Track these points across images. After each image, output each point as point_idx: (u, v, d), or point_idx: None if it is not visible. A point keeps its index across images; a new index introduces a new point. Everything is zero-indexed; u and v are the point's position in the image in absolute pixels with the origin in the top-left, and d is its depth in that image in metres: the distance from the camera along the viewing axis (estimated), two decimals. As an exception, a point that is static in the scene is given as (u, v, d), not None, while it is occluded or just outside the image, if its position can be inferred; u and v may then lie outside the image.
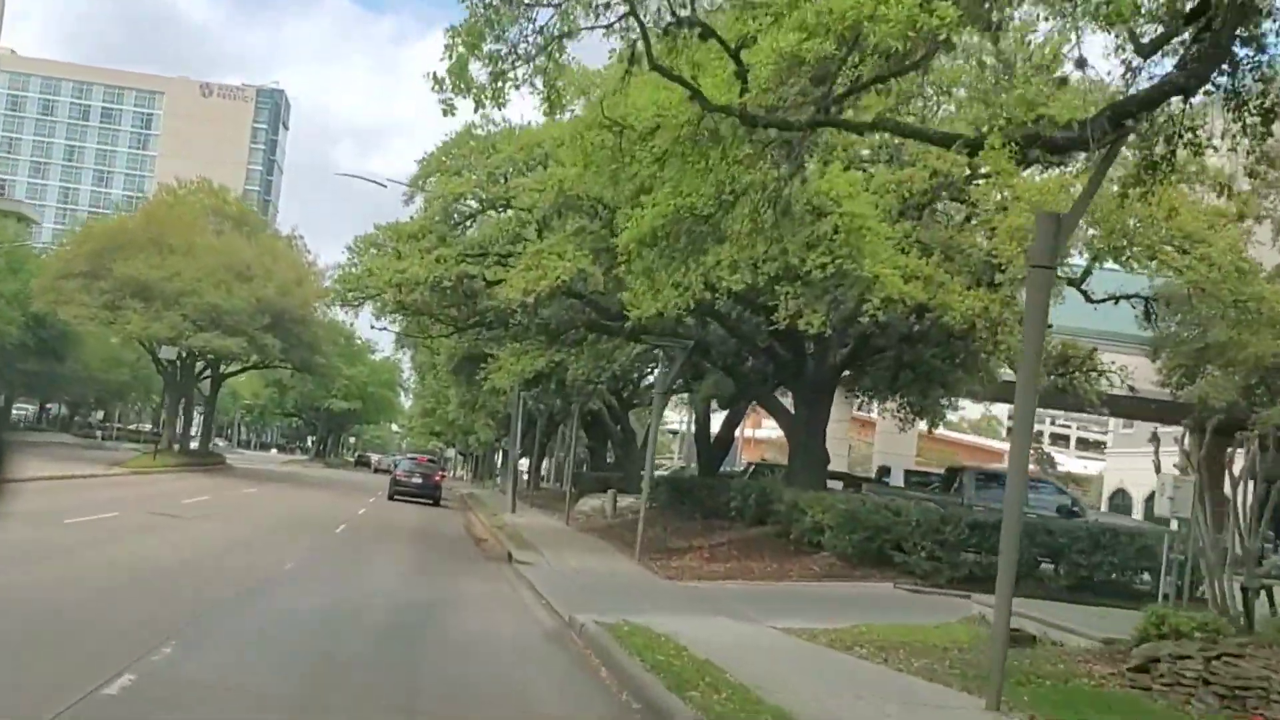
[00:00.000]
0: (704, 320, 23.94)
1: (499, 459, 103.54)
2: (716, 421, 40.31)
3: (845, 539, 20.66)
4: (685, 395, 40.36)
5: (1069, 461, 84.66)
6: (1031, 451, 15.22)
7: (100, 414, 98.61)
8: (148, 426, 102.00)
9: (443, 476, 47.01)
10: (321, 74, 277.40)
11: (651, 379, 46.51)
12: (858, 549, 20.55)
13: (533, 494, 58.15)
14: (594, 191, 20.77)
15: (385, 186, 27.33)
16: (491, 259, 23.35)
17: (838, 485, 27.37)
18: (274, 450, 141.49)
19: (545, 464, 67.48)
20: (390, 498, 44.59)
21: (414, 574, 18.55)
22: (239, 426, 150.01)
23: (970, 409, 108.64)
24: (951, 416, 47.15)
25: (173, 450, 49.50)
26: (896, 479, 29.73)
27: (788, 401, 27.65)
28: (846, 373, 25.71)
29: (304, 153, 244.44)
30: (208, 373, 57.11)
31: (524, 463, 77.17)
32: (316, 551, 20.20)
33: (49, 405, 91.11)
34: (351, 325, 43.96)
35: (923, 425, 32.42)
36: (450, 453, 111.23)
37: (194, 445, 62.30)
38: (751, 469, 34.50)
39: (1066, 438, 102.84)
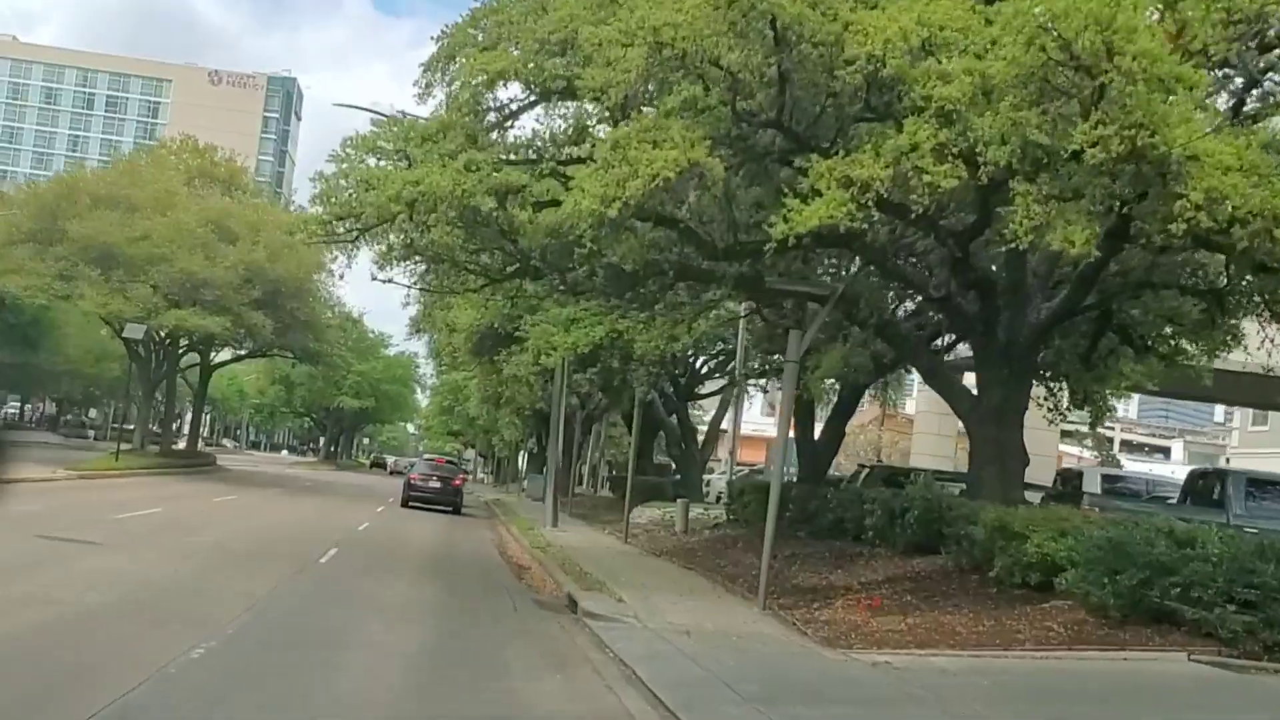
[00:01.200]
0: (866, 247, 16.58)
1: (523, 461, 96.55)
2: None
3: (1102, 583, 13.20)
4: (755, 380, 32.95)
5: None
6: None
7: (92, 412, 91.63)
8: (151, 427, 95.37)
9: (464, 480, 39.67)
10: (339, 78, 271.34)
11: (710, 362, 39.17)
12: (1124, 598, 13.08)
13: (569, 501, 50.93)
14: (709, 43, 13.49)
15: (400, 115, 19.77)
16: (546, 167, 15.95)
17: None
18: (285, 452, 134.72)
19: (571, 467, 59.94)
20: (404, 504, 37.49)
21: (428, 657, 10.95)
22: (248, 427, 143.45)
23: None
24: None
25: (146, 450, 42.27)
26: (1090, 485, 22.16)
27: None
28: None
29: (320, 152, 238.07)
30: (196, 362, 49.98)
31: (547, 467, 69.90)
32: (263, 613, 11.89)
33: (32, 402, 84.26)
34: (340, 276, 36.41)
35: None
36: (469, 454, 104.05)
37: (181, 444, 55.20)
38: (864, 474, 27.00)
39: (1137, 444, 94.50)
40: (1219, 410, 74.34)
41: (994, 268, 16.96)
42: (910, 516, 17.78)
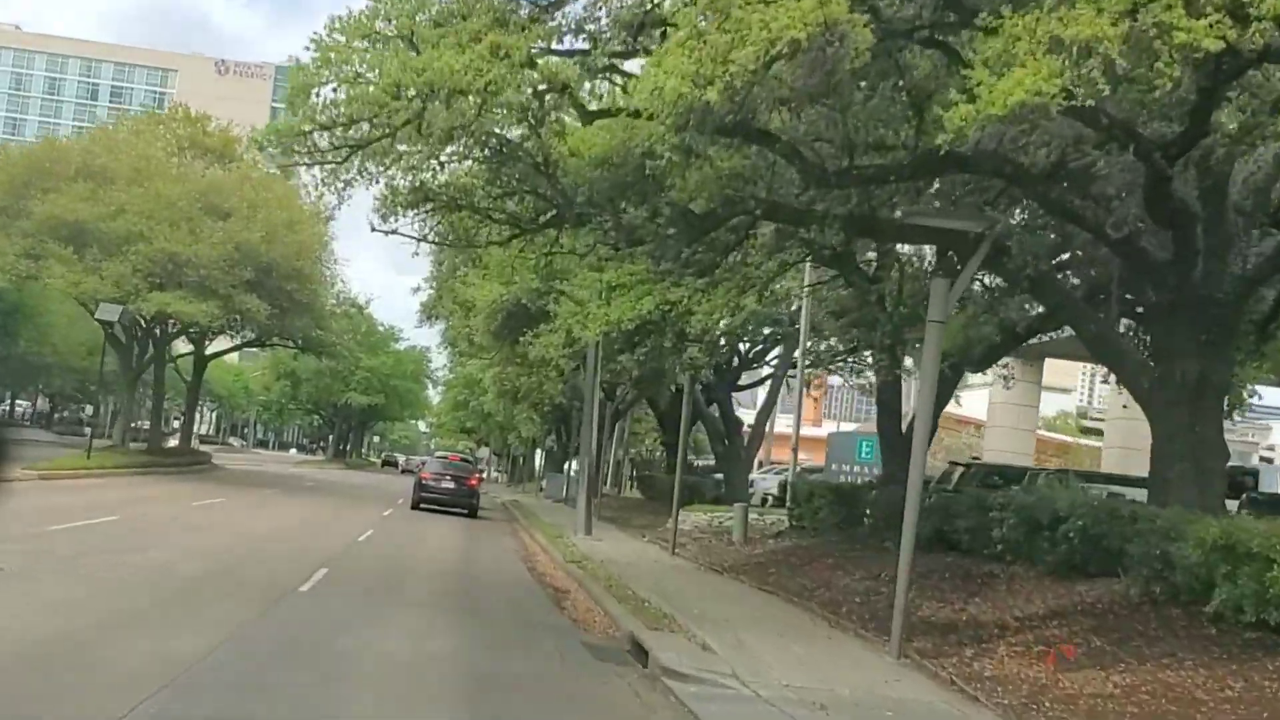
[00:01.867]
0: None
1: (540, 459, 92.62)
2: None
3: None
4: (828, 365, 28.82)
5: None
6: None
7: (90, 408, 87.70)
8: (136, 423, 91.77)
9: (479, 479, 35.60)
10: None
11: (756, 346, 35.07)
12: None
13: (595, 503, 46.83)
14: None
15: None
16: (600, 57, 11.84)
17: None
18: (293, 450, 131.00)
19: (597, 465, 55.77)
20: (414, 506, 33.54)
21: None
22: (255, 425, 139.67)
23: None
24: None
25: (126, 448, 38.30)
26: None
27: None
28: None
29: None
30: (189, 351, 46.02)
31: (568, 465, 65.89)
32: (174, 705, 7.07)
33: (26, 398, 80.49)
34: (328, 218, 32.21)
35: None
36: (483, 452, 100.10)
37: (174, 442, 51.33)
38: (959, 473, 22.82)
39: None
40: None
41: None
42: (1068, 528, 13.64)
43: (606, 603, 14.53)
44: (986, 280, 16.99)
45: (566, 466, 53.05)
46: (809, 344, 27.24)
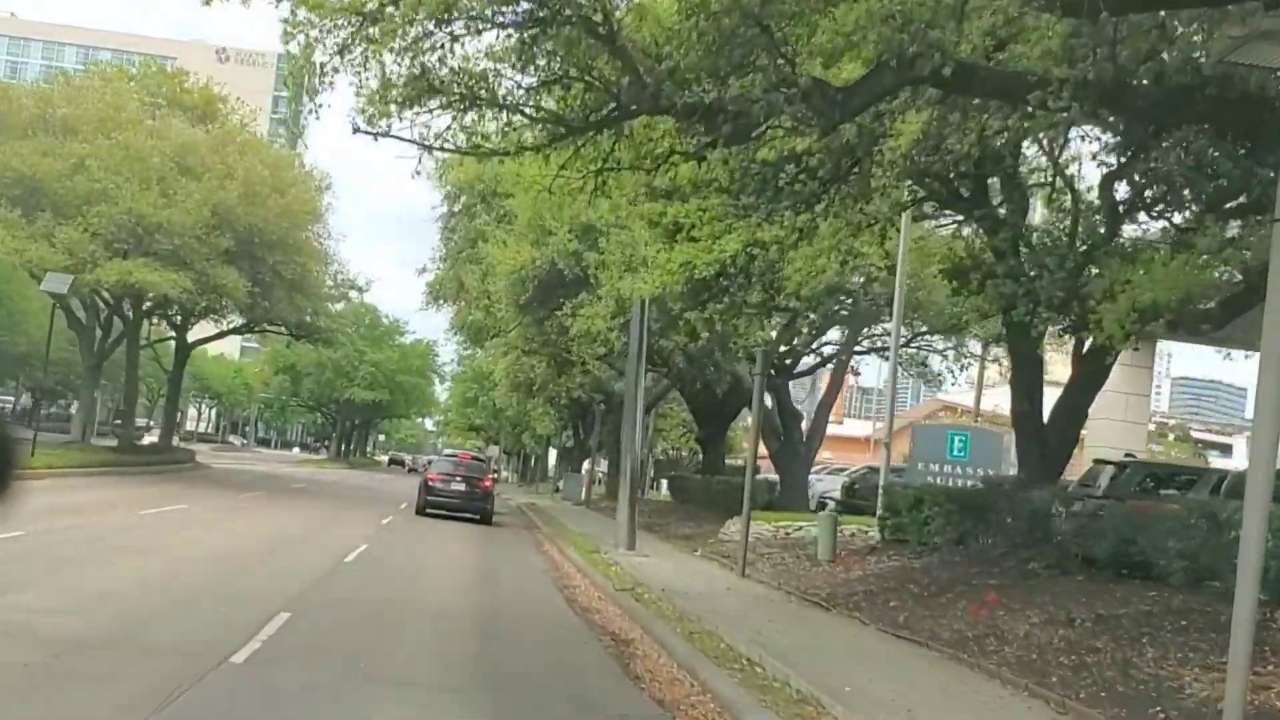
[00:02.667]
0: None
1: (554, 458, 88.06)
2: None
3: None
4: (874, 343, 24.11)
5: None
6: None
7: (77, 404, 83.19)
8: (140, 421, 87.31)
9: (494, 481, 30.90)
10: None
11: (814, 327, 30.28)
12: None
13: (614, 505, 42.21)
14: None
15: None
16: None
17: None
18: (296, 449, 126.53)
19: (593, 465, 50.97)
20: (420, 512, 28.96)
21: None
22: (256, 423, 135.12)
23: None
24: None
25: (86, 444, 33.56)
26: None
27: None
28: None
29: (336, 137, 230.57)
30: (171, 336, 41.40)
31: (585, 464, 61.15)
32: None
33: (9, 392, 75.94)
34: (321, 183, 27.72)
35: None
36: (493, 451, 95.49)
37: (150, 438, 46.73)
38: (1114, 474, 17.98)
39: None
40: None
41: None
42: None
43: (699, 667, 9.84)
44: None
45: (589, 466, 48.21)
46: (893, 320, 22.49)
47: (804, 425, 29.90)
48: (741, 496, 32.61)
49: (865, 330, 29.24)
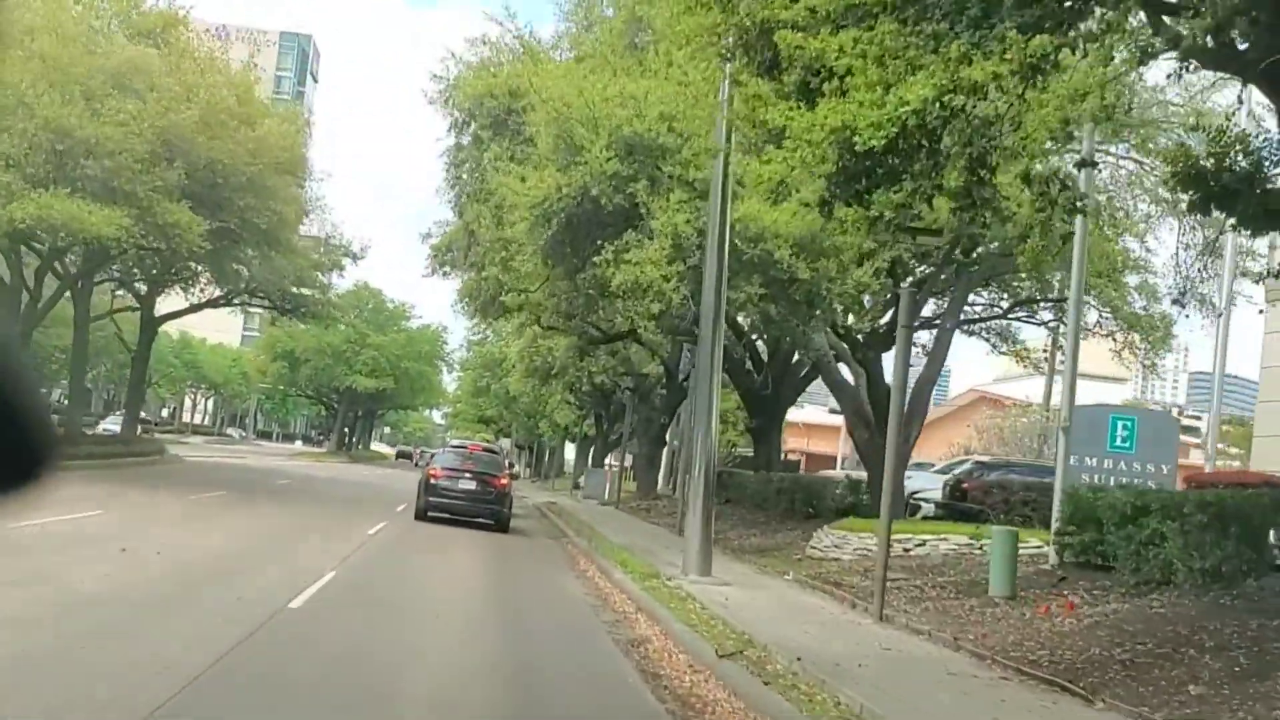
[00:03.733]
0: None
1: (572, 452, 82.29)
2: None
3: None
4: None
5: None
6: None
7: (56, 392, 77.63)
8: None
9: (510, 480, 24.85)
10: (358, 42, 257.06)
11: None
12: None
13: (654, 507, 36.51)
14: None
15: None
16: None
17: None
18: (298, 442, 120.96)
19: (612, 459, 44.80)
20: (420, 516, 23.33)
21: None
22: (255, 415, 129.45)
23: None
24: None
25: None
26: None
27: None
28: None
29: (340, 120, 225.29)
30: (135, 307, 35.64)
31: (608, 458, 55.21)
32: None
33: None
34: (303, 119, 21.86)
35: None
36: (505, 444, 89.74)
37: (110, 427, 41.06)
38: None
39: None
40: None
41: None
42: None
43: None
44: None
45: (622, 460, 42.30)
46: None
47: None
48: (811, 496, 26.96)
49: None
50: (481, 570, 16.41)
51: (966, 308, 26.31)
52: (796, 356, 32.00)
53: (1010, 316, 28.89)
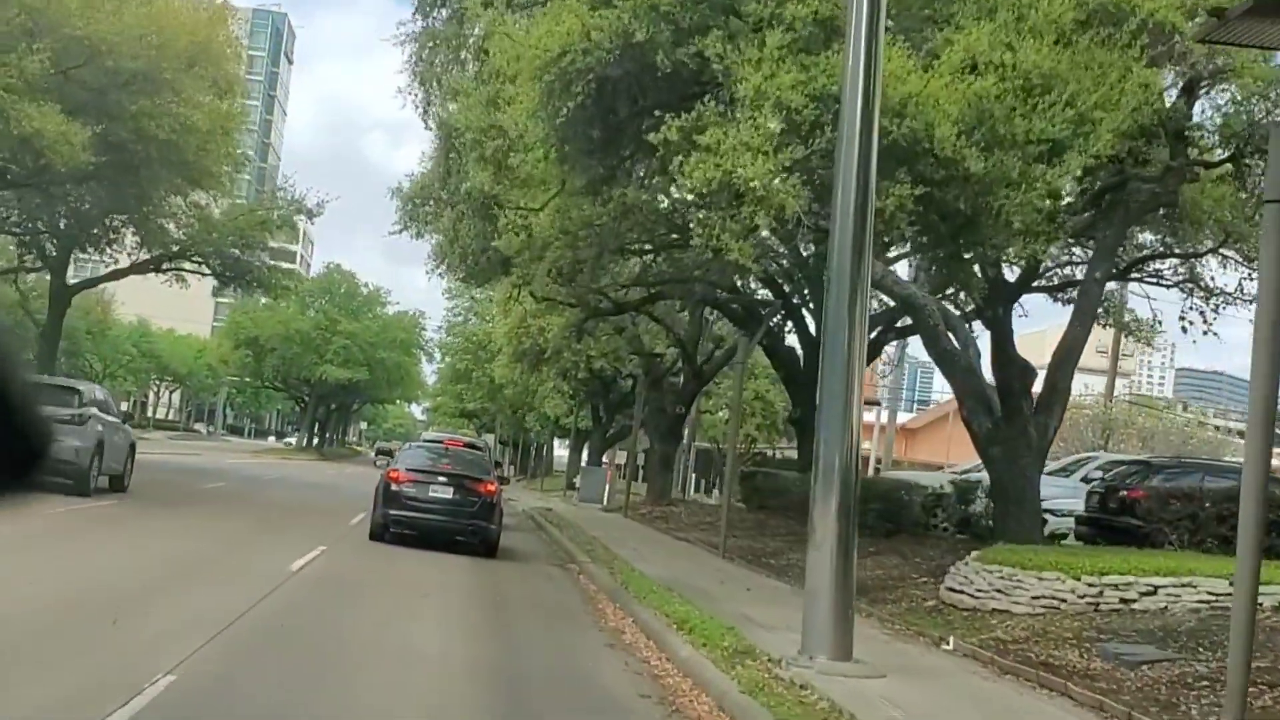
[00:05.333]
0: None
1: (564, 448, 76.09)
2: None
3: None
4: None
5: None
6: None
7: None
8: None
9: (499, 485, 18.33)
10: (336, 21, 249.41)
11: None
12: None
13: (664, 514, 30.14)
14: None
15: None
16: None
17: None
18: (271, 438, 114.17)
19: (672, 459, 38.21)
20: (376, 536, 17.10)
21: None
22: (224, 409, 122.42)
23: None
24: None
25: None
26: None
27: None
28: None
29: (316, 106, 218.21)
30: (35, 267, 29.23)
31: (627, 456, 48.82)
32: None
33: None
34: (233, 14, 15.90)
35: None
36: (488, 440, 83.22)
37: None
38: None
39: None
40: None
41: None
42: None
43: None
44: None
45: (632, 458, 35.97)
46: None
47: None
48: (894, 508, 20.69)
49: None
50: (460, 634, 10.14)
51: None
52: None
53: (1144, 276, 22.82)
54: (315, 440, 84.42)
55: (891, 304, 28.08)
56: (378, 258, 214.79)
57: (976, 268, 14.95)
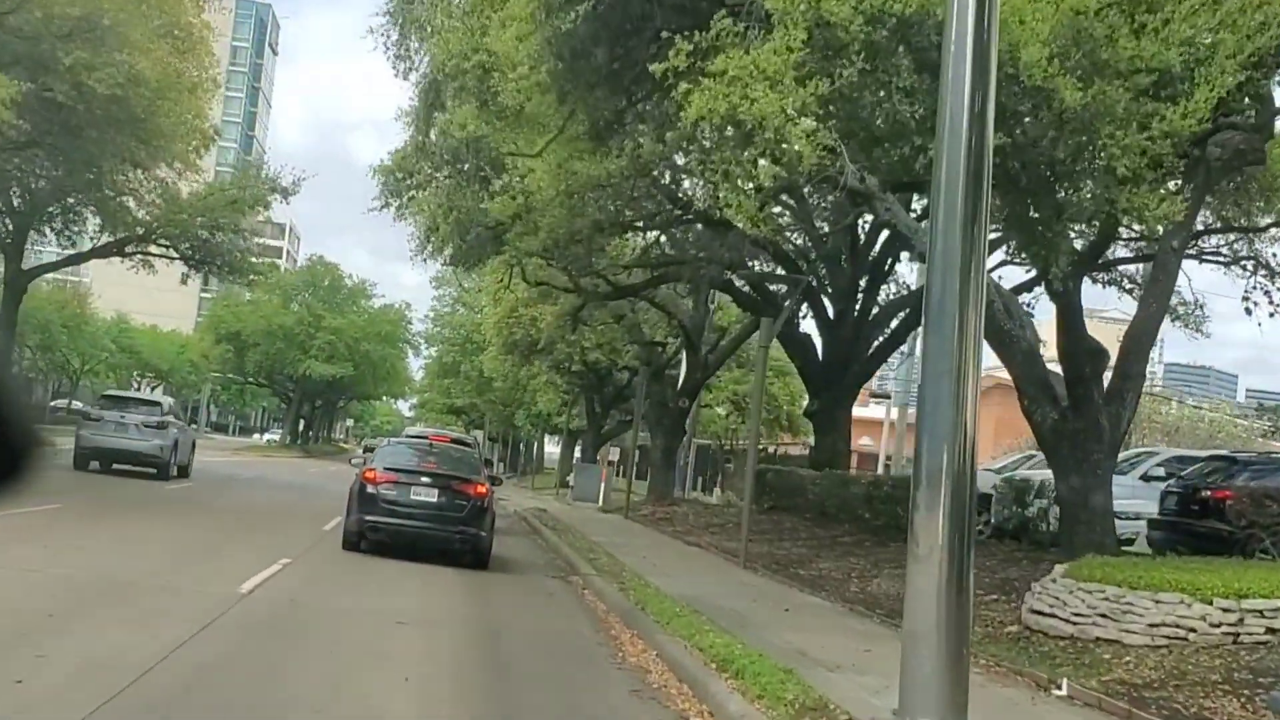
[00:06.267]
0: None
1: (550, 446, 74.02)
2: None
3: None
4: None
5: None
6: None
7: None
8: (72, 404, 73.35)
9: (490, 488, 16.05)
10: (319, 15, 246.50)
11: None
12: None
13: (668, 514, 27.90)
14: None
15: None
16: None
17: None
18: (257, 435, 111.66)
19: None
20: (351, 545, 14.93)
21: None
22: (208, 406, 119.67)
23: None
24: None
25: None
26: None
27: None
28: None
29: (300, 98, 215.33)
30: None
31: (625, 450, 46.59)
32: None
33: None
34: None
35: None
36: (477, 435, 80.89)
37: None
38: None
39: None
40: None
41: None
42: None
43: None
44: None
45: (633, 455, 33.76)
46: None
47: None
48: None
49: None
50: (443, 690, 7.92)
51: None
52: (876, 309, 23.75)
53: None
54: (300, 438, 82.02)
55: (909, 285, 25.91)
56: (365, 257, 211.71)
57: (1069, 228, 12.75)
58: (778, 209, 23.62)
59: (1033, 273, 20.52)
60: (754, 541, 18.64)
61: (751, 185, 8.99)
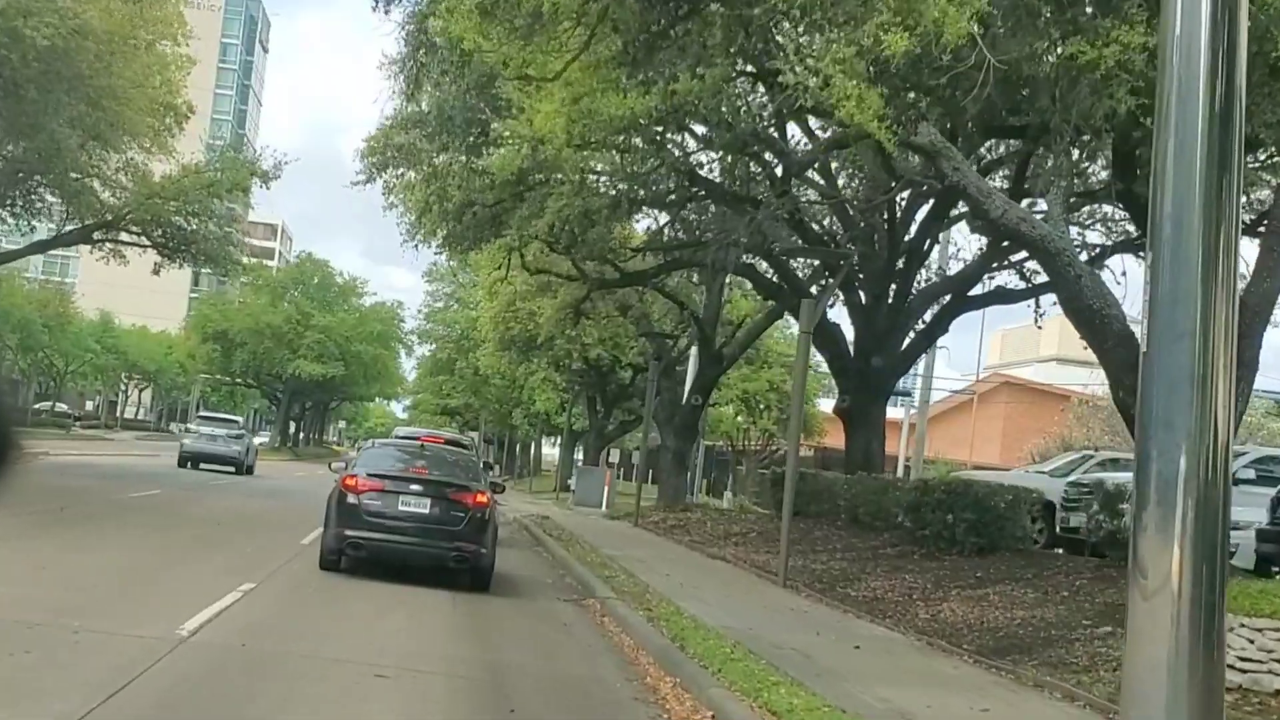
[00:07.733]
0: None
1: (547, 448, 71.83)
2: None
3: None
4: None
5: None
6: None
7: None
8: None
9: (490, 497, 13.87)
10: (311, 14, 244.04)
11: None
12: None
13: (682, 521, 25.64)
14: None
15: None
16: None
17: None
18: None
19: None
20: (331, 564, 12.66)
21: None
22: (198, 407, 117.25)
23: None
24: None
25: None
26: None
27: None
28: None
29: (291, 95, 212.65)
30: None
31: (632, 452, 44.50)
32: None
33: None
34: None
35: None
36: (472, 438, 78.53)
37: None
38: None
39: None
40: None
41: None
42: None
43: None
44: None
45: (629, 455, 31.48)
46: None
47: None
48: (992, 519, 16.20)
49: None
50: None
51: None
52: (913, 293, 21.59)
53: None
54: (290, 440, 79.80)
55: (954, 264, 23.73)
56: (358, 260, 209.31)
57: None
58: (803, 186, 21.41)
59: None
60: (797, 547, 16.48)
61: (870, 72, 6.77)
